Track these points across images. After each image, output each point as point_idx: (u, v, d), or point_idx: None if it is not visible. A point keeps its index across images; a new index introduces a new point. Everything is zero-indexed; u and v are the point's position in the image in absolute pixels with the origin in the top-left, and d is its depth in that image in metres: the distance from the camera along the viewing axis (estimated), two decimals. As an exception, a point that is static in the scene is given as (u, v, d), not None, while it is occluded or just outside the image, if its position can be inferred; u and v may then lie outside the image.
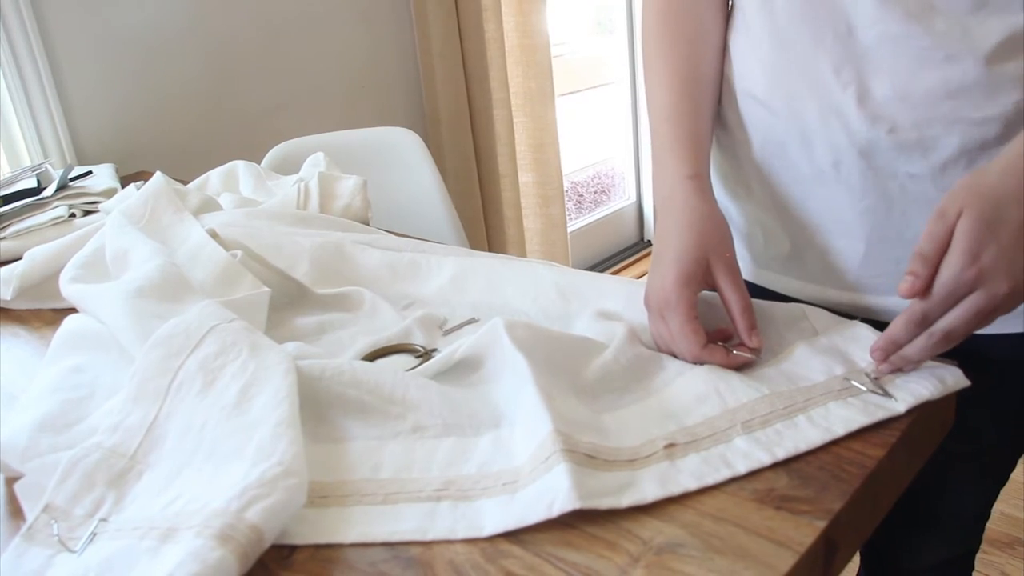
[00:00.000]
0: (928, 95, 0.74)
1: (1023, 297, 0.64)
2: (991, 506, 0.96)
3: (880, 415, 0.64)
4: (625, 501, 0.58)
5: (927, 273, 0.64)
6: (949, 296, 0.64)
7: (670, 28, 0.88)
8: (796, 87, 0.81)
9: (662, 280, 0.75)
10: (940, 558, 0.98)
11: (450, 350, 0.76)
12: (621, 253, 3.52)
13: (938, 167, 0.76)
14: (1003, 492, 2.01)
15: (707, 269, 0.75)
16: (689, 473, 0.61)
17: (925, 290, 0.65)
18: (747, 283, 0.93)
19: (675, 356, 0.75)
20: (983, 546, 1.82)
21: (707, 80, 0.88)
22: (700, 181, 0.81)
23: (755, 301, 0.81)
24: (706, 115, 0.87)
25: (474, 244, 2.44)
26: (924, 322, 0.66)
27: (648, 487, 0.59)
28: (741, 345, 0.74)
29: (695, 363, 0.73)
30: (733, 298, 0.74)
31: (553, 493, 0.57)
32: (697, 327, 0.73)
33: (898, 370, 0.69)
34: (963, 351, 0.70)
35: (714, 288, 0.76)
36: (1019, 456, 0.92)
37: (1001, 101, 0.72)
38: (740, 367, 0.72)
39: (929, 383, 0.67)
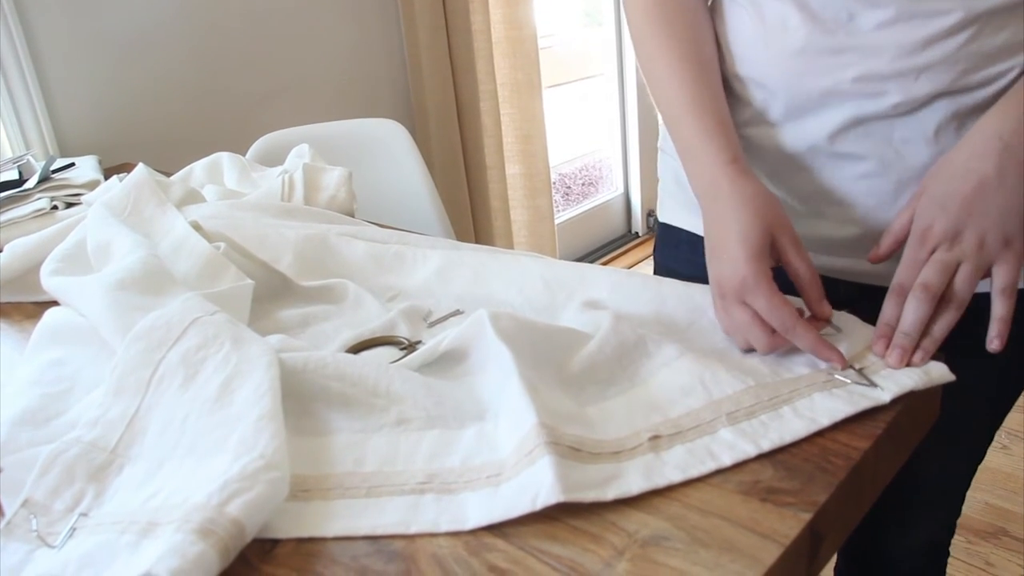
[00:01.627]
0: (930, 70, 0.75)
1: (993, 248, 0.69)
2: (967, 485, 0.97)
3: (865, 404, 0.64)
4: (610, 494, 0.58)
5: (887, 242, 0.75)
6: (914, 263, 0.71)
7: (662, 15, 0.87)
8: (794, 70, 0.82)
9: (733, 262, 0.72)
10: (920, 541, 0.99)
11: (435, 342, 0.76)
12: (609, 245, 3.52)
13: (931, 131, 0.78)
14: (987, 482, 2.02)
15: (774, 243, 0.74)
16: (674, 465, 0.60)
17: (885, 257, 0.75)
18: None
19: (753, 348, 0.73)
20: (968, 536, 1.84)
21: (711, 61, 0.87)
22: (741, 164, 0.79)
23: None
24: (723, 98, 0.85)
25: (461, 236, 2.44)
26: (901, 290, 0.71)
27: (633, 479, 0.59)
28: (812, 319, 0.73)
29: (774, 343, 0.70)
30: (802, 267, 0.73)
31: (537, 486, 0.57)
32: (784, 299, 0.70)
33: (910, 357, 0.69)
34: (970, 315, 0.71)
35: (780, 263, 0.75)
36: (995, 429, 0.93)
37: (995, 69, 0.75)
38: (823, 359, 0.69)
39: (915, 374, 0.67)
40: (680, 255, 1.00)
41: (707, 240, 0.77)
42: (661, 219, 1.05)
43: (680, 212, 0.99)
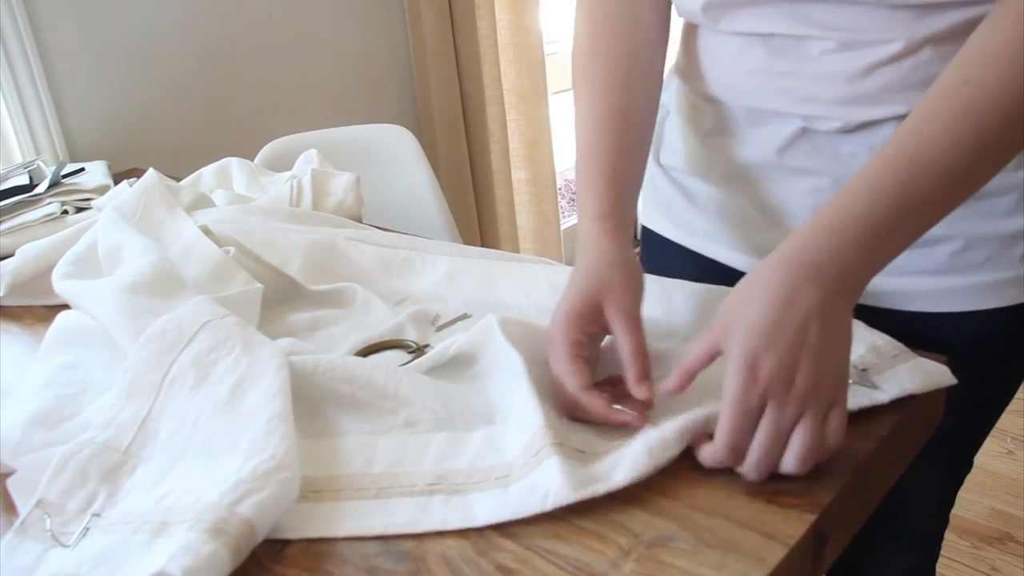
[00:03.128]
0: (875, 96, 0.75)
1: (828, 391, 0.59)
2: (950, 505, 0.96)
3: (864, 403, 0.65)
4: (618, 478, 0.58)
5: (681, 377, 0.62)
6: (746, 415, 0.58)
7: (597, 59, 0.84)
8: (744, 88, 0.82)
9: (553, 318, 0.71)
10: (903, 566, 0.98)
11: (444, 346, 0.77)
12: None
13: (879, 145, 0.77)
14: (993, 488, 2.02)
15: (599, 311, 0.70)
16: (674, 434, 0.61)
17: (677, 391, 0.63)
18: (708, 260, 0.94)
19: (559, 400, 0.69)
20: (974, 541, 1.84)
21: (635, 109, 0.83)
22: (611, 222, 0.76)
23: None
24: (630, 149, 0.81)
25: (467, 241, 2.44)
26: (734, 453, 0.59)
27: (640, 460, 0.59)
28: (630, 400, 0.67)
29: (571, 408, 0.67)
30: (625, 343, 0.68)
31: (547, 487, 0.57)
32: (579, 368, 0.67)
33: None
34: (923, 337, 0.71)
35: (609, 332, 0.71)
36: (976, 448, 0.92)
37: None
38: (619, 425, 0.65)
39: (916, 376, 0.67)
40: (653, 256, 1.02)
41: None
42: (641, 221, 1.06)
43: (654, 215, 1.02)
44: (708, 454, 0.60)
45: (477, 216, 2.59)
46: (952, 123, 0.61)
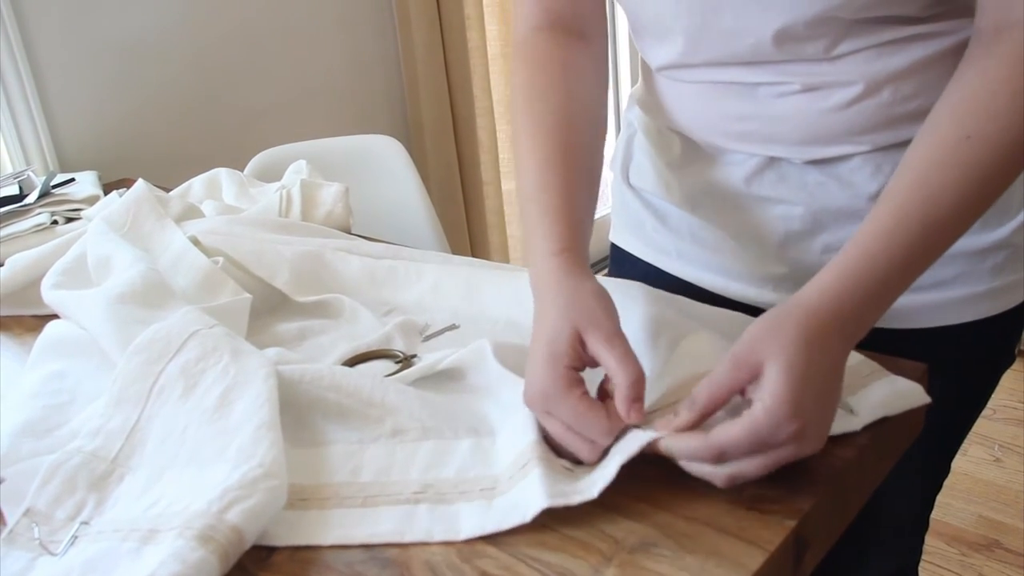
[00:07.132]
0: (838, 136, 0.77)
1: (824, 434, 0.60)
2: (930, 509, 0.97)
3: (837, 431, 0.63)
4: (596, 490, 0.58)
5: (688, 419, 0.60)
6: (760, 444, 0.57)
7: (536, 102, 0.81)
8: (705, 128, 0.84)
9: (533, 369, 0.64)
10: (885, 571, 0.99)
11: (433, 360, 0.77)
12: (603, 261, 3.52)
13: (844, 175, 0.79)
14: (980, 495, 2.03)
15: (581, 342, 0.64)
16: (654, 431, 0.60)
17: (686, 429, 0.60)
18: (679, 280, 0.95)
19: (580, 455, 0.63)
20: (962, 548, 1.85)
21: (579, 146, 0.79)
22: (570, 255, 0.70)
23: (726, 311, 0.82)
24: (578, 185, 0.77)
25: (456, 251, 2.43)
26: (719, 458, 0.58)
27: (611, 462, 0.59)
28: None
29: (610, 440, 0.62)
30: (613, 364, 0.62)
31: (528, 499, 0.58)
32: (592, 404, 0.62)
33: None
34: (900, 354, 0.72)
35: (597, 365, 0.65)
36: (953, 454, 0.93)
37: (909, 129, 0.71)
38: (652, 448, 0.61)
39: (889, 399, 0.67)
40: (623, 273, 1.03)
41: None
42: (610, 238, 1.07)
43: (625, 234, 1.03)
44: (691, 448, 0.59)
45: (467, 226, 2.59)
46: (960, 178, 0.63)
